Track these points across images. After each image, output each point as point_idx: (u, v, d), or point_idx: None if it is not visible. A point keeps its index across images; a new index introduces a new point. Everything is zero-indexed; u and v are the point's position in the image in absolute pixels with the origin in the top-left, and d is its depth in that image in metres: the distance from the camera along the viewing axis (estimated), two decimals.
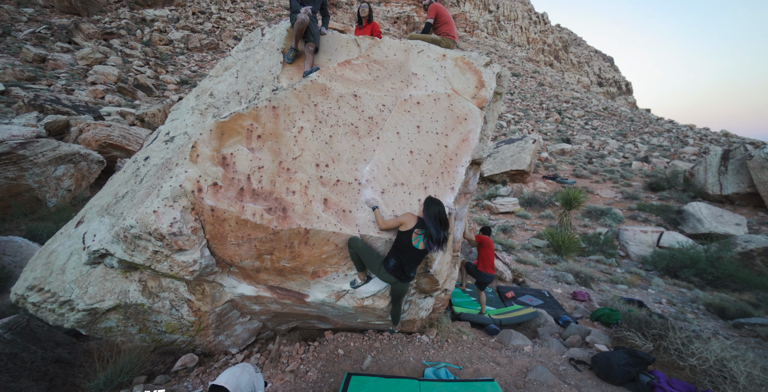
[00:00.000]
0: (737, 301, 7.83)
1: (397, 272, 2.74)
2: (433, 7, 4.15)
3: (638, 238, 12.75)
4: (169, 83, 25.72)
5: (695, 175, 17.84)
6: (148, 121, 14.32)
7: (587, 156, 26.84)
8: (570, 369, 3.32)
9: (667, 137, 44.60)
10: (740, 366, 2.84)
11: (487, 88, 3.50)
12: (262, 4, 55.59)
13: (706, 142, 41.25)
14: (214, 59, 34.44)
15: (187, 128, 3.78)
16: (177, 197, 2.71)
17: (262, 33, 4.18)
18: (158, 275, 3.11)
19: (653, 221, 14.49)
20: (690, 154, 32.06)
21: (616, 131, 45.00)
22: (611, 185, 18.67)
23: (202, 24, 40.92)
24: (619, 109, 62.78)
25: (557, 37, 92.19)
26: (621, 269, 10.15)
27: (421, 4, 4.54)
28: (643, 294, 7.79)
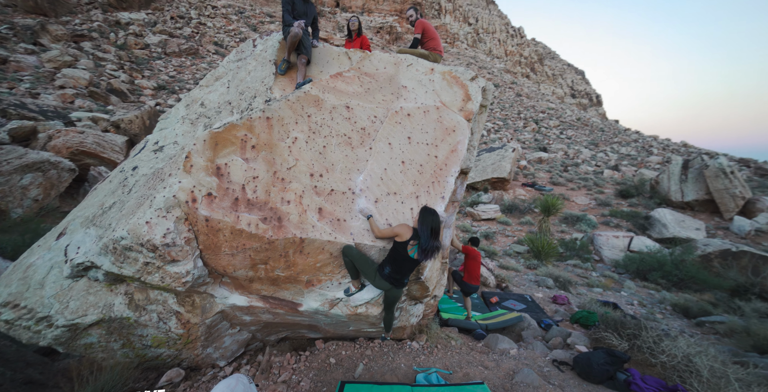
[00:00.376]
0: (699, 301, 8.35)
1: (392, 279, 2.82)
2: (419, 23, 4.33)
3: (611, 243, 13.37)
4: (145, 88, 24.97)
5: (660, 183, 18.96)
6: (125, 127, 13.82)
7: (563, 164, 27.98)
8: (554, 370, 3.47)
9: (634, 146, 47.16)
10: (703, 360, 3.09)
11: (473, 102, 3.68)
12: (244, 10, 55.23)
13: (669, 152, 43.92)
14: (194, 65, 33.78)
15: (177, 138, 3.75)
16: (170, 208, 2.69)
17: (254, 44, 4.22)
18: (146, 287, 3.05)
19: (624, 226, 15.25)
20: (654, 163, 34.02)
21: (588, 140, 47.17)
22: (585, 192, 19.53)
23: (181, 29, 40.12)
24: (590, 119, 65.93)
25: (533, 51, 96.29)
26: (596, 273, 10.60)
27: (405, 17, 4.69)
28: (617, 297, 8.18)
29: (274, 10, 62.96)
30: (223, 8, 51.47)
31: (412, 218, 3.03)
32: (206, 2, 49.93)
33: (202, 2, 48.97)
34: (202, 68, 33.09)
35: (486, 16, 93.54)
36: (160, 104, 22.27)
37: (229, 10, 52.27)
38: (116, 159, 10.32)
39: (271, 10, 61.80)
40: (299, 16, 3.90)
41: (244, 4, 59.00)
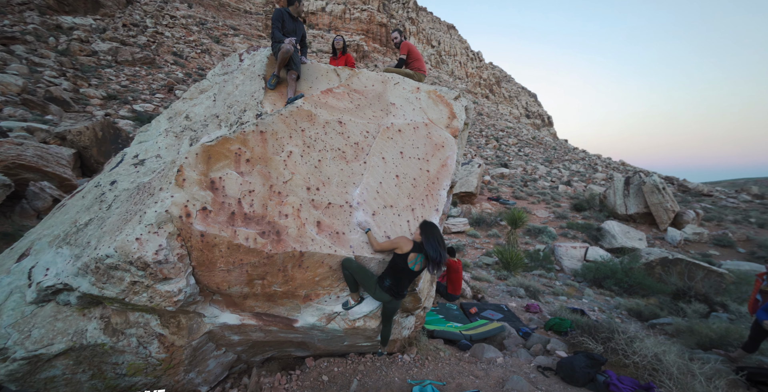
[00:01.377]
0: (647, 305, 9.14)
1: (393, 291, 2.87)
2: (404, 44, 4.58)
3: (570, 253, 14.30)
4: (92, 97, 23.18)
5: (607, 198, 20.76)
6: (73, 139, 12.68)
7: (522, 180, 29.72)
8: (539, 375, 3.64)
9: (582, 164, 51.32)
10: (671, 358, 3.42)
11: (458, 119, 3.93)
12: (206, 21, 54.02)
13: (610, 169, 48.28)
14: (150, 75, 32.14)
15: (160, 151, 3.60)
16: (162, 223, 2.57)
17: (241, 59, 4.22)
18: (127, 309, 2.84)
19: (580, 237, 16.40)
20: (600, 179, 37.18)
21: (543, 157, 50.64)
22: (545, 205, 20.83)
23: (135, 37, 38.18)
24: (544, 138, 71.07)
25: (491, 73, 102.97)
26: (559, 282, 11.24)
27: (391, 39, 4.95)
28: (579, 304, 8.71)
29: (238, 22, 62.28)
30: (182, 19, 49.94)
31: (409, 230, 3.12)
32: (164, 12, 48.22)
33: (159, 11, 47.21)
34: (159, 79, 31.55)
35: (447, 39, 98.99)
36: (110, 114, 20.82)
37: (189, 20, 50.84)
38: (63, 173, 9.44)
39: (235, 22, 61.01)
40: (288, 33, 3.99)
41: (206, 15, 57.75)
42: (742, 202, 30.23)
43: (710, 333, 5.37)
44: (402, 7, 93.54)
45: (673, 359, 3.40)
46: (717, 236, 18.92)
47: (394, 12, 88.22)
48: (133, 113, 21.25)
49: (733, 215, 23.88)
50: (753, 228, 21.04)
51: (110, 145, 12.69)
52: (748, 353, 4.41)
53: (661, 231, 18.77)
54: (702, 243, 18.52)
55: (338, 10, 74.54)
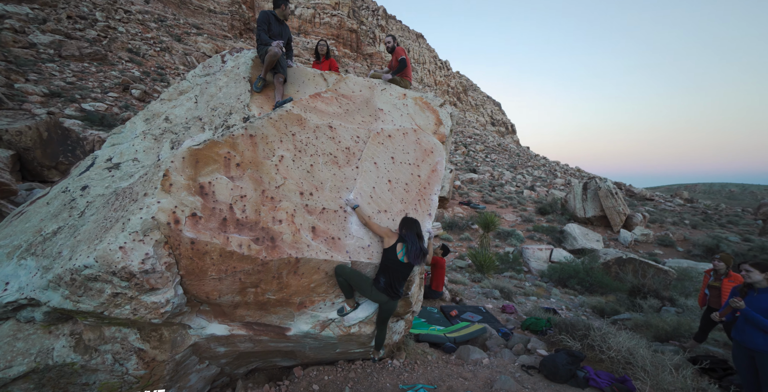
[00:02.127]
0: (607, 302, 9.81)
1: (389, 291, 2.89)
2: (400, 49, 4.57)
3: (536, 255, 15.03)
4: (31, 94, 20.89)
5: (568, 202, 22.10)
6: (10, 140, 11.40)
7: (490, 185, 30.86)
8: (524, 374, 3.78)
9: (543, 170, 54.30)
10: (642, 351, 3.70)
11: (444, 126, 4.04)
12: (165, 19, 51.27)
13: (568, 175, 51.55)
14: (101, 71, 29.82)
15: (137, 155, 3.38)
16: (148, 231, 2.42)
17: (223, 60, 4.08)
18: (103, 324, 2.62)
19: (545, 240, 17.29)
20: (560, 184, 39.53)
21: (508, 163, 52.98)
22: (512, 209, 21.76)
23: (82, 30, 35.14)
24: (509, 146, 74.47)
25: (458, 82, 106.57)
26: (528, 283, 11.76)
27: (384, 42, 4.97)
28: (549, 303, 9.17)
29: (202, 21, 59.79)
30: (138, 14, 46.97)
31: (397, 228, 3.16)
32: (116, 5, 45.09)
33: (110, 4, 44.06)
34: (113, 76, 29.32)
35: (417, 48, 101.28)
36: (53, 113, 19.06)
37: (146, 16, 47.94)
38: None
39: (198, 21, 58.49)
40: (275, 36, 3.93)
41: (165, 12, 54.82)
42: (677, 206, 33.47)
43: (665, 326, 5.86)
44: (372, 15, 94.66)
45: (645, 352, 3.68)
46: (660, 237, 20.78)
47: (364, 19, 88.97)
48: (82, 112, 19.51)
49: (671, 218, 26.36)
50: (688, 229, 23.36)
51: (58, 147, 11.60)
52: (698, 343, 4.87)
53: (614, 233, 20.26)
54: (649, 243, 20.25)
55: (308, 14, 73.94)
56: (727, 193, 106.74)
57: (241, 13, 61.48)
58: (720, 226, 25.04)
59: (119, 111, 22.25)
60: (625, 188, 36.43)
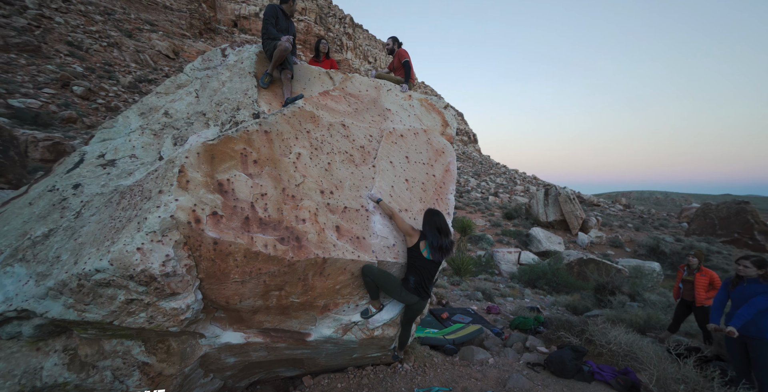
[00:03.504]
0: (576, 300, 10.45)
1: (419, 290, 2.84)
2: (402, 51, 4.58)
3: (506, 258, 15.67)
4: None
5: (532, 207, 23.40)
6: None
7: (458, 191, 31.90)
8: (531, 372, 3.87)
9: (504, 177, 57.12)
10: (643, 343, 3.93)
11: (451, 127, 4.13)
12: (113, 12, 47.65)
13: (527, 183, 54.68)
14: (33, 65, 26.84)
15: (135, 151, 3.09)
16: (166, 231, 2.22)
17: (224, 54, 3.89)
18: (105, 336, 2.34)
19: (513, 243, 18.11)
20: (520, 191, 41.78)
21: (473, 171, 55.08)
22: (480, 215, 22.58)
23: (8, 17, 31.31)
24: (472, 154, 77.53)
25: (423, 92, 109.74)
26: (503, 285, 12.21)
27: (384, 44, 4.97)
28: (525, 303, 9.57)
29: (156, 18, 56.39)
30: (80, 4, 43.18)
31: None
32: None
33: None
34: (49, 71, 26.44)
35: (383, 57, 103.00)
36: None
37: (90, 7, 44.18)
38: None
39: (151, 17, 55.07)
40: (281, 31, 3.83)
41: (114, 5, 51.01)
42: (618, 211, 36.73)
43: (638, 320, 6.35)
44: (339, 22, 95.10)
45: (646, 344, 3.95)
46: (611, 239, 22.57)
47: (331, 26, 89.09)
48: (9, 108, 17.18)
49: (617, 221, 28.81)
50: (632, 231, 25.65)
51: None
52: (672, 333, 5.33)
53: (573, 236, 21.70)
54: (602, 245, 21.91)
55: None
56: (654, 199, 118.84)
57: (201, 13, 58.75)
58: (654, 228, 27.72)
59: (58, 109, 20.14)
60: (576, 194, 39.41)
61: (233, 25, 69.27)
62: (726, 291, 3.50)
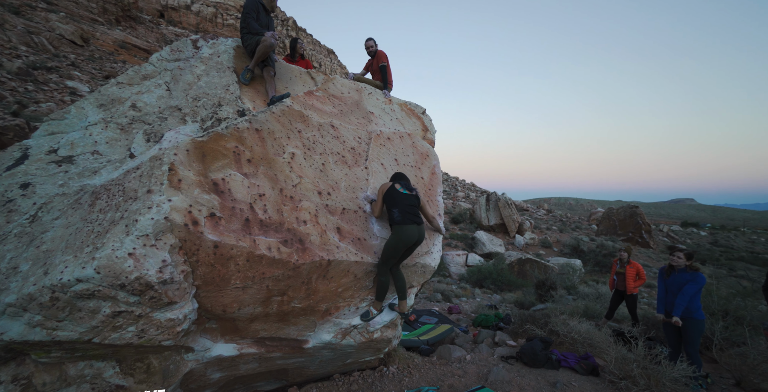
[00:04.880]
0: (521, 296, 11.39)
1: (407, 217, 2.80)
2: (383, 53, 4.54)
3: (455, 260, 16.47)
4: None
5: (475, 212, 24.97)
6: None
7: None
8: (505, 364, 4.11)
9: (446, 184, 60.08)
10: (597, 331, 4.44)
11: (430, 132, 4.28)
12: None
13: (466, 189, 58.25)
14: None
15: (98, 147, 2.70)
16: (160, 233, 1.99)
17: (196, 46, 3.60)
18: (72, 358, 2.00)
19: (460, 246, 19.08)
20: (461, 197, 44.32)
21: None
22: None
23: None
24: None
25: None
26: (455, 286, 12.80)
27: (366, 47, 4.88)
28: (478, 301, 10.15)
29: None
30: None
31: None
32: None
33: None
34: None
35: (328, 63, 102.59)
36: None
37: None
38: None
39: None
40: (263, 27, 3.70)
41: None
42: (543, 215, 41.10)
43: (578, 310, 7.15)
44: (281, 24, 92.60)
45: (596, 332, 4.47)
46: (542, 240, 25.02)
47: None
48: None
49: (544, 224, 32.14)
50: (557, 233, 28.80)
51: None
52: (608, 320, 6.09)
53: (511, 238, 23.60)
54: (535, 246, 24.18)
55: (208, 12, 68.06)
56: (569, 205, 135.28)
57: None
58: (572, 230, 31.45)
59: None
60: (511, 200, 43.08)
61: (159, 15, 63.18)
62: (663, 280, 4.14)
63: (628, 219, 27.05)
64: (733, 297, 5.83)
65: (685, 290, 3.75)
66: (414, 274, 3.19)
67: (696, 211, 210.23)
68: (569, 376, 3.88)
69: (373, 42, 4.55)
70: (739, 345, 4.58)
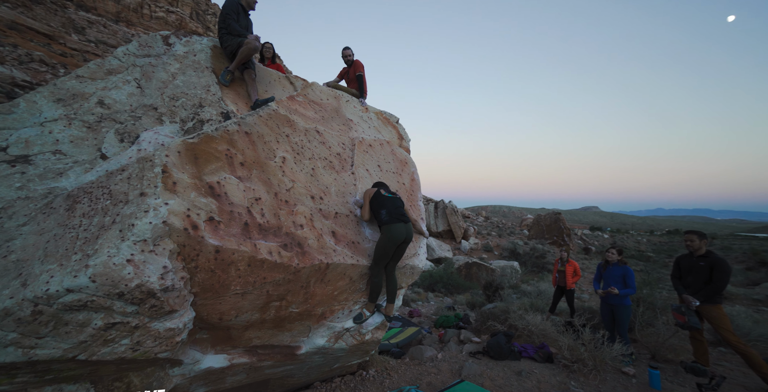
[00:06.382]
0: (469, 298, 12.10)
1: (395, 217, 2.94)
2: (360, 63, 4.61)
3: None
4: None
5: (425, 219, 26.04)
6: None
7: None
8: (474, 359, 4.39)
9: None
10: (548, 323, 4.96)
11: (405, 140, 4.47)
12: None
13: None
14: None
15: (61, 146, 2.40)
16: (158, 239, 1.87)
17: (167, 42, 3.38)
18: (38, 382, 1.76)
19: None
20: None
21: None
22: None
23: None
24: None
25: None
26: (409, 291, 13.13)
27: (343, 56, 4.93)
28: (432, 304, 10.55)
29: None
30: None
31: None
32: None
33: None
34: None
35: None
36: None
37: None
38: None
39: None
40: (243, 28, 3.64)
41: None
42: (483, 221, 44.24)
43: (525, 307, 7.86)
44: None
45: (550, 324, 5.00)
46: (484, 245, 26.82)
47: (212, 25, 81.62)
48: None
49: (484, 230, 34.56)
50: (496, 238, 31.12)
51: None
52: (552, 313, 6.80)
53: (457, 243, 24.90)
54: (478, 250, 25.80)
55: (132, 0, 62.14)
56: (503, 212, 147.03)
57: None
58: (508, 235, 34.28)
59: None
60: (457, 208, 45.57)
61: None
62: (600, 272, 4.82)
63: (553, 224, 30.25)
64: (642, 287, 6.94)
65: (629, 283, 4.45)
66: (403, 275, 3.33)
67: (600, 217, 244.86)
68: (530, 365, 4.28)
69: (350, 51, 4.67)
70: (653, 326, 5.45)
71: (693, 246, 3.94)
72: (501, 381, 3.82)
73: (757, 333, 5.01)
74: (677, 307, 3.93)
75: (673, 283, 4.27)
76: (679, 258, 4.22)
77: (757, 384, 3.80)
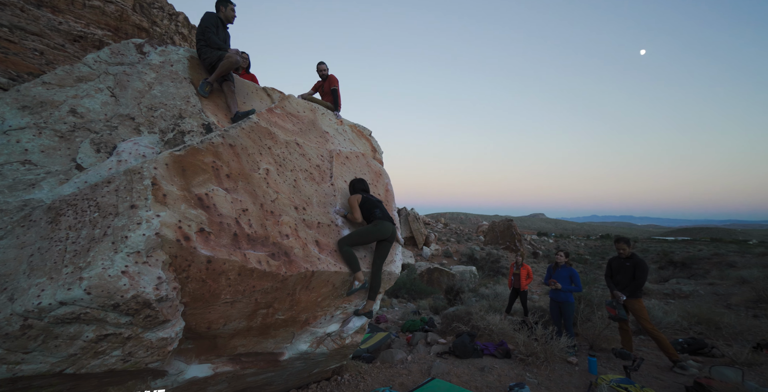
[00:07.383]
0: (431, 303, 12.55)
1: (386, 215, 3.36)
2: (334, 77, 4.76)
3: None
4: None
5: None
6: None
7: None
8: (441, 359, 4.65)
9: None
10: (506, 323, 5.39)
11: (378, 152, 4.70)
12: None
13: None
14: None
15: (30, 155, 2.30)
16: (151, 250, 1.90)
17: (141, 51, 3.32)
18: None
19: None
20: None
21: None
22: None
23: None
24: None
25: None
26: None
27: (319, 70, 5.07)
28: (397, 310, 10.79)
29: None
30: None
31: None
32: None
33: None
34: None
35: None
36: None
37: None
38: None
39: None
40: (222, 41, 3.69)
41: None
42: (442, 228, 45.86)
43: (484, 308, 8.37)
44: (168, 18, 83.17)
45: (507, 324, 5.44)
46: (444, 250, 27.77)
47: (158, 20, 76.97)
48: None
49: (444, 237, 35.81)
50: (455, 244, 32.40)
51: None
52: (508, 314, 7.33)
53: (419, 249, 25.54)
54: (439, 256, 26.65)
55: None
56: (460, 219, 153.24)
57: None
58: (465, 241, 35.86)
59: None
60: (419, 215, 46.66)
61: None
62: (550, 273, 5.39)
63: (506, 231, 32.19)
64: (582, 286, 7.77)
65: (576, 282, 5.04)
66: (381, 281, 3.52)
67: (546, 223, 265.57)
68: (491, 361, 4.65)
69: (325, 66, 4.84)
70: (590, 321, 6.13)
71: (624, 253, 4.64)
72: (467, 377, 4.13)
73: (666, 321, 5.99)
74: (610, 302, 4.58)
75: (607, 282, 4.94)
76: (610, 260, 4.93)
77: (666, 362, 4.57)
